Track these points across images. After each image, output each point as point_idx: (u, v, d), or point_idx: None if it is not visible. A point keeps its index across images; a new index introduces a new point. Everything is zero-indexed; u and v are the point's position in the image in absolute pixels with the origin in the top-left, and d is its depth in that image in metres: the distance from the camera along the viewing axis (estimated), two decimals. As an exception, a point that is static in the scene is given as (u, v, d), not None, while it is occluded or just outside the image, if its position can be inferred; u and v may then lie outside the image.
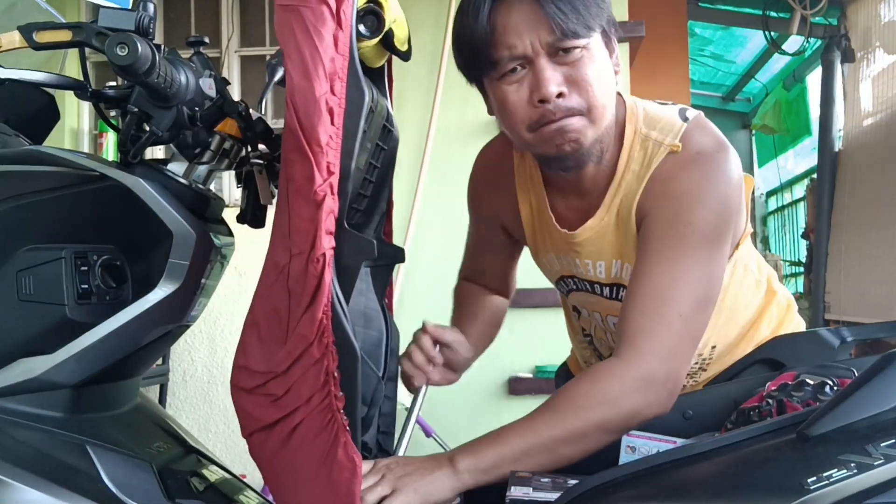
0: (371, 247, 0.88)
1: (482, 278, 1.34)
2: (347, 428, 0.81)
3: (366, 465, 0.89)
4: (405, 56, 1.02)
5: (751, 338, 1.21)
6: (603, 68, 1.00)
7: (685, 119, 1.05)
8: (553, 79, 0.96)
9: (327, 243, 0.79)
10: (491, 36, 0.96)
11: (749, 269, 1.20)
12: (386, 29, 0.92)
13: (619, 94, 1.07)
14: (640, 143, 1.06)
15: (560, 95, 0.97)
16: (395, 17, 0.94)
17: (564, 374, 1.49)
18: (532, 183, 1.16)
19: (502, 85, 0.99)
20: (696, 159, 1.02)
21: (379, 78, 1.04)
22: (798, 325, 1.26)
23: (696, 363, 1.21)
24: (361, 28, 0.90)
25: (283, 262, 0.80)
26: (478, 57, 0.99)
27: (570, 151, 1.01)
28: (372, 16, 0.91)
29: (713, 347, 1.20)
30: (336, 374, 0.80)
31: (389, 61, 1.08)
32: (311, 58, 0.77)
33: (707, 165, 1.02)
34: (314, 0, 0.77)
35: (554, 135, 0.99)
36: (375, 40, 0.92)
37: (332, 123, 0.79)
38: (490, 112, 1.07)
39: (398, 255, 1.10)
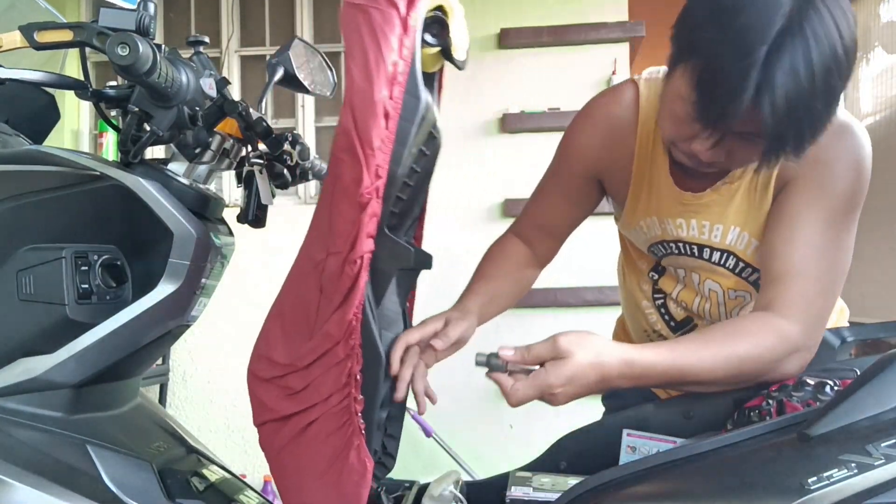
0: (408, 254, 0.87)
1: (536, 235, 1.30)
2: (363, 432, 0.81)
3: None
4: (461, 66, 1.01)
5: None
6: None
7: None
8: (715, 156, 0.95)
9: (367, 246, 0.79)
10: (731, 102, 0.86)
11: None
12: (449, 38, 0.92)
13: None
14: None
15: (712, 163, 0.97)
16: (457, 26, 0.94)
17: None
18: (654, 144, 1.15)
19: (684, 104, 0.93)
20: (841, 129, 1.04)
21: (430, 83, 1.03)
22: None
23: None
24: (427, 36, 0.89)
25: (318, 258, 0.79)
26: (701, 89, 0.90)
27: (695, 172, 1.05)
28: (437, 24, 0.90)
29: None
30: (358, 377, 0.80)
31: (441, 67, 1.07)
32: (374, 60, 0.76)
33: (852, 136, 1.05)
34: (384, 2, 0.77)
35: (687, 163, 1.01)
36: (437, 49, 0.92)
37: (387, 127, 0.78)
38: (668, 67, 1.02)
39: (426, 262, 1.09)
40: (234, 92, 3.44)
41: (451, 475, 1.04)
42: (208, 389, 3.38)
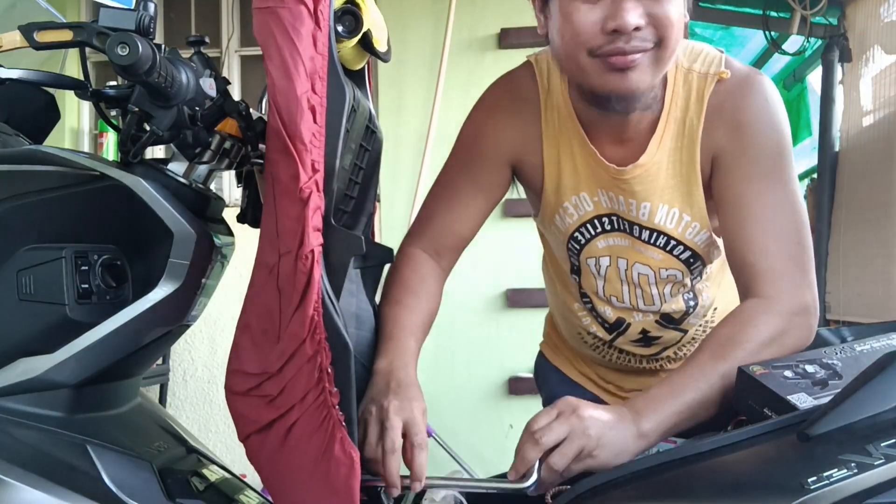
0: (359, 242, 0.88)
1: (446, 248, 1.18)
2: (343, 424, 0.81)
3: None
4: (385, 57, 1.02)
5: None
6: (682, 11, 0.97)
7: (719, 49, 1.06)
8: (634, 9, 0.92)
9: (315, 240, 0.80)
10: None
11: None
12: (364, 29, 0.92)
13: None
14: (682, 77, 1.05)
15: (637, 28, 0.93)
16: (373, 17, 0.94)
17: (544, 365, 1.47)
18: (562, 119, 1.12)
19: (574, 0, 0.95)
20: (748, 83, 1.03)
21: (360, 80, 1.04)
22: None
23: (702, 326, 1.23)
24: (339, 28, 0.90)
25: (272, 262, 0.80)
26: None
27: (625, 92, 0.98)
28: (350, 16, 0.91)
29: (715, 309, 1.22)
30: (329, 371, 0.80)
31: (369, 64, 1.07)
32: (290, 57, 0.78)
33: (761, 87, 1.04)
34: (291, 0, 0.78)
35: (615, 69, 0.96)
36: (354, 41, 0.92)
37: (315, 122, 0.80)
38: (541, 30, 1.05)
39: (387, 256, 1.09)
40: (234, 92, 3.44)
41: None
42: (208, 389, 3.38)
